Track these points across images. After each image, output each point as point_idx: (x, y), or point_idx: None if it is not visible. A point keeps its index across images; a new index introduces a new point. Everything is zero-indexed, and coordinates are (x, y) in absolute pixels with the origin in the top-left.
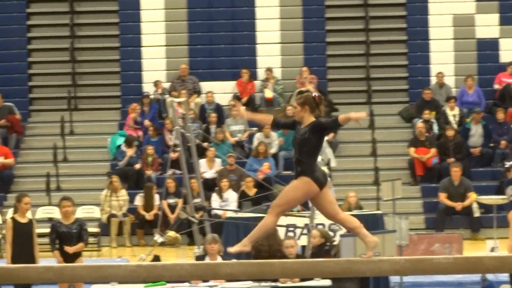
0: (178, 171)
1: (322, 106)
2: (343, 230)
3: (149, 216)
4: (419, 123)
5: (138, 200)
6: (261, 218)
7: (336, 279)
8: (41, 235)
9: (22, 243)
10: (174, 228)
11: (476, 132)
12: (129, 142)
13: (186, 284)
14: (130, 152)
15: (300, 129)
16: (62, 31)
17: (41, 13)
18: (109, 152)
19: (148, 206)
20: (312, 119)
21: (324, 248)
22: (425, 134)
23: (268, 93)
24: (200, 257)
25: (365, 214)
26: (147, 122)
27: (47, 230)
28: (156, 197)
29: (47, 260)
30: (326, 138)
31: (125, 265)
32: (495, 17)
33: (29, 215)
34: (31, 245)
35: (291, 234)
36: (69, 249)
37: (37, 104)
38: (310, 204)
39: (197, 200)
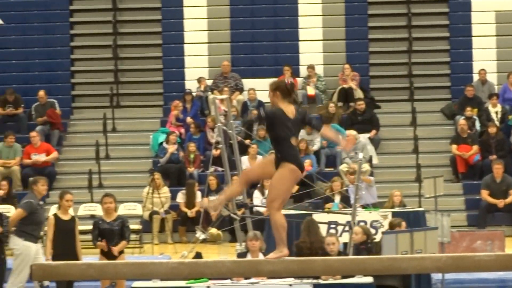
0: (220, 168)
1: (293, 93)
2: (385, 227)
3: (190, 213)
4: (461, 120)
5: (180, 197)
6: (303, 215)
7: (378, 276)
8: (83, 232)
9: (65, 240)
10: (216, 225)
11: None
12: (169, 139)
13: (228, 281)
14: (171, 149)
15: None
16: (104, 28)
17: (84, 10)
18: (151, 149)
19: (189, 203)
20: (288, 105)
21: (367, 246)
22: (467, 131)
23: (310, 90)
24: (241, 254)
25: (407, 211)
26: (189, 119)
27: (89, 227)
28: (198, 194)
29: (89, 257)
30: (368, 135)
31: (167, 262)
32: None
33: (71, 212)
34: (74, 242)
35: (332, 231)
36: (114, 250)
37: (79, 101)
38: (352, 201)
39: (239, 197)
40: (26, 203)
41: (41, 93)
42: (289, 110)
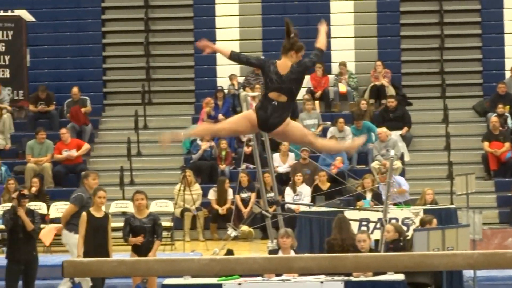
0: (251, 165)
1: (295, 46)
2: (417, 224)
3: (222, 210)
4: (493, 117)
5: (211, 194)
6: (335, 212)
7: (409, 274)
8: (114, 229)
9: (97, 237)
10: (247, 222)
11: None
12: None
13: (259, 278)
14: (204, 146)
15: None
16: (136, 25)
17: (116, 7)
18: (182, 146)
19: (221, 200)
20: (285, 61)
21: (399, 244)
22: (499, 128)
23: (342, 88)
24: (273, 251)
25: (439, 209)
26: (221, 116)
27: (120, 224)
28: (229, 191)
29: (120, 254)
30: (399, 132)
31: (198, 259)
32: None
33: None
34: (106, 239)
35: (364, 228)
36: (137, 240)
37: (111, 99)
38: (383, 198)
39: (271, 194)
40: (76, 197)
41: (75, 89)
42: (283, 65)
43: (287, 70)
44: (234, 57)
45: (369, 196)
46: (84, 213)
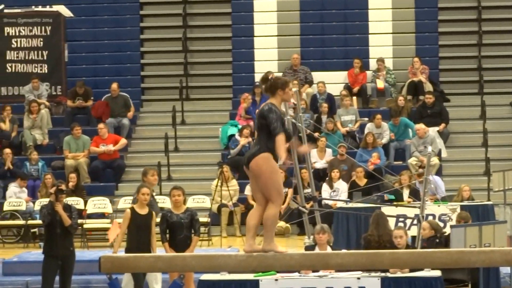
0: (288, 161)
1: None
2: (454, 221)
3: None
4: None
5: (248, 190)
6: (372, 208)
7: (446, 270)
8: None
9: (139, 234)
10: (284, 218)
11: None
12: (242, 131)
13: (296, 274)
14: (243, 141)
15: None
16: (174, 21)
17: (154, 3)
18: (220, 142)
19: None
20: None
21: (436, 241)
22: None
23: (380, 84)
24: (309, 247)
25: (476, 205)
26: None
27: (158, 220)
28: None
29: (158, 249)
30: (437, 129)
31: (235, 254)
32: None
33: None
34: (148, 237)
35: (401, 224)
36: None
37: (149, 94)
38: (421, 195)
39: (308, 190)
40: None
41: (114, 85)
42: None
43: None
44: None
45: (406, 192)
46: (128, 210)
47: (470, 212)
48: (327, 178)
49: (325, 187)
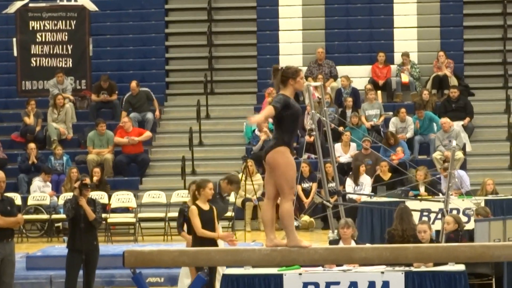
0: (313, 156)
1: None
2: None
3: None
4: None
5: None
6: (396, 202)
7: (470, 264)
8: (174, 219)
9: (207, 230)
10: (308, 212)
11: None
12: (260, 127)
13: (320, 268)
14: (263, 136)
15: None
16: (199, 15)
17: None
18: (244, 136)
19: None
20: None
21: (460, 234)
22: None
23: (405, 78)
24: (333, 242)
25: (500, 199)
26: None
27: None
28: None
29: (180, 243)
30: (461, 123)
31: (259, 249)
32: None
33: (163, 199)
34: (213, 231)
35: (425, 218)
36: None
37: (173, 88)
38: (443, 189)
39: (332, 185)
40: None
41: (133, 84)
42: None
43: None
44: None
45: (422, 188)
46: (193, 207)
47: (495, 206)
48: (351, 173)
49: (349, 181)
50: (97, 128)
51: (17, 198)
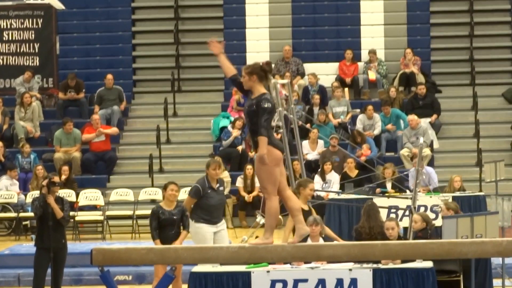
0: None
1: (270, 74)
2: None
3: (248, 197)
4: None
5: (239, 182)
6: (363, 199)
7: (438, 261)
8: (142, 217)
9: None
10: None
11: None
12: (235, 123)
13: (288, 265)
14: (236, 133)
15: (250, 99)
16: (166, 13)
17: None
18: (212, 133)
19: (247, 187)
20: (262, 89)
21: (428, 233)
22: None
23: (372, 75)
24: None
25: (467, 196)
26: None
27: (149, 212)
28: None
29: (148, 242)
30: (429, 120)
31: (227, 246)
32: None
33: (131, 196)
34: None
35: (393, 215)
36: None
37: (141, 86)
38: (411, 186)
39: None
40: (192, 188)
41: (109, 76)
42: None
43: None
44: (233, 80)
45: (388, 185)
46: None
47: (462, 203)
48: (319, 170)
49: (317, 178)
50: (64, 127)
51: None
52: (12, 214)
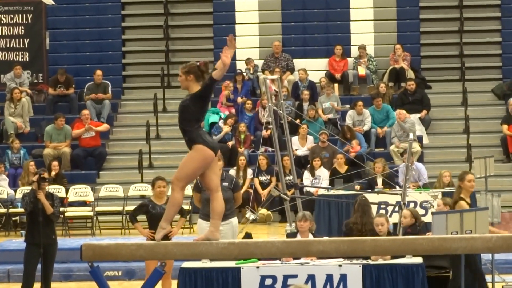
0: (270, 149)
1: (206, 74)
2: (435, 208)
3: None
4: None
5: None
6: (353, 195)
7: (427, 257)
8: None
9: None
10: (265, 205)
11: None
12: (227, 120)
13: (277, 261)
14: (226, 129)
15: (186, 95)
16: (156, 8)
17: None
18: None
19: (241, 179)
20: (198, 87)
21: (417, 229)
22: None
23: (361, 71)
24: (291, 235)
25: None
26: (240, 99)
27: None
28: (248, 172)
29: (139, 237)
30: (418, 115)
31: (217, 242)
32: None
33: (121, 192)
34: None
35: (382, 211)
36: (174, 233)
37: (130, 82)
38: (401, 182)
39: (289, 178)
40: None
41: (98, 72)
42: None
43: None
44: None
45: (379, 181)
46: (463, 202)
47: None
48: (308, 166)
49: (306, 174)
50: (55, 122)
51: None
52: (2, 210)
